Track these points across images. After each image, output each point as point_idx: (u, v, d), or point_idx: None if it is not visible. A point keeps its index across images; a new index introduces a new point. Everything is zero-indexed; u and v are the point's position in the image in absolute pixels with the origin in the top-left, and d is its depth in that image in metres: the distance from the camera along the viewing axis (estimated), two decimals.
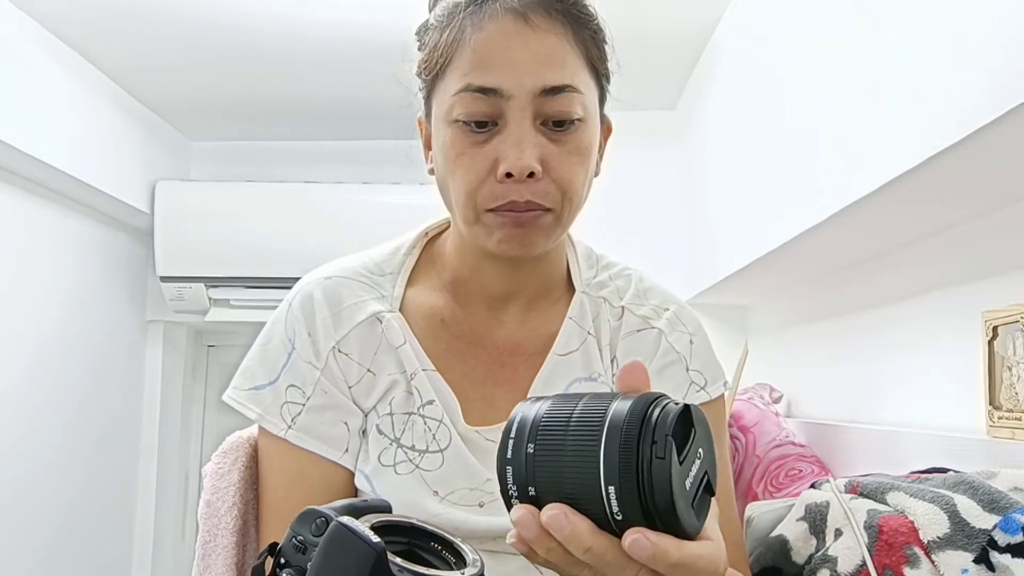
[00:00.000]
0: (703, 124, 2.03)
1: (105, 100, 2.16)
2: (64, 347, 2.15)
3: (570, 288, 0.83)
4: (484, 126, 0.68)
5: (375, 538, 0.42)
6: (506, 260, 0.76)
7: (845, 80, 1.13)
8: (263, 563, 0.49)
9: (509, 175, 0.67)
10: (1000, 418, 0.98)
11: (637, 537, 0.43)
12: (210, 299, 2.47)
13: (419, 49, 0.77)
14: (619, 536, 0.44)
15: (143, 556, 2.53)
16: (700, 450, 0.45)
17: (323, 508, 0.48)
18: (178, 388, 2.73)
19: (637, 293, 0.82)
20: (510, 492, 0.44)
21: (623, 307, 0.81)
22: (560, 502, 0.44)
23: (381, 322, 0.77)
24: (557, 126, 0.69)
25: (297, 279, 0.84)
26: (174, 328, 2.69)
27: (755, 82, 1.58)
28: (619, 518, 0.42)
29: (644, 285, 0.84)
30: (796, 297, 1.89)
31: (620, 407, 0.43)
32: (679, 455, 0.43)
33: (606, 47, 0.75)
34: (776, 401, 1.80)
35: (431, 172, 0.77)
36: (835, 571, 0.68)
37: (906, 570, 0.64)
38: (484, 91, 0.67)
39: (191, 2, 1.76)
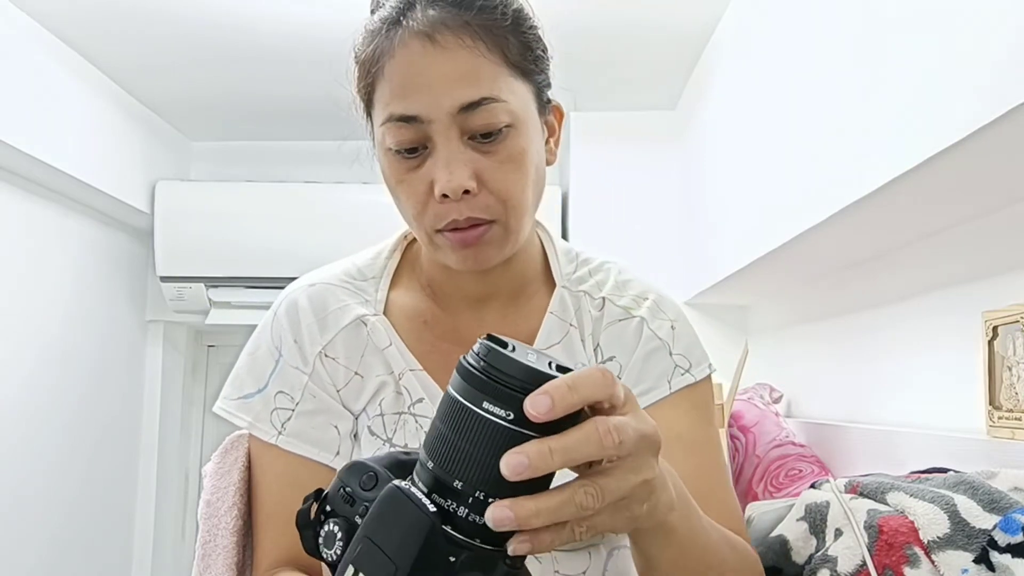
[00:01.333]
0: (703, 124, 2.03)
1: (105, 100, 2.16)
2: (64, 347, 2.15)
3: (550, 283, 0.83)
4: (415, 151, 0.69)
5: (431, 506, 0.42)
6: (476, 272, 0.76)
7: (845, 80, 1.13)
8: (309, 508, 0.49)
9: (446, 196, 0.68)
10: (1000, 418, 0.98)
11: (529, 401, 0.41)
12: (210, 299, 2.47)
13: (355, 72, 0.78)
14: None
15: (143, 556, 2.53)
16: (528, 351, 0.44)
17: (370, 462, 0.48)
18: (178, 388, 2.73)
19: (617, 284, 0.83)
20: (451, 509, 0.43)
21: (604, 298, 0.82)
22: (477, 469, 0.42)
23: (366, 325, 0.78)
24: (485, 138, 0.68)
25: (297, 279, 0.84)
26: (174, 328, 2.69)
27: (755, 82, 1.58)
28: (510, 417, 0.41)
29: (623, 277, 0.84)
30: (796, 297, 1.89)
31: (452, 379, 0.44)
32: (504, 350, 0.43)
33: (534, 37, 0.73)
34: (776, 401, 1.80)
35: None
36: (835, 571, 0.68)
37: (906, 570, 0.64)
38: (406, 119, 0.68)
39: (191, 2, 1.76)
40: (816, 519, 0.77)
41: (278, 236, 2.38)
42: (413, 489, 0.43)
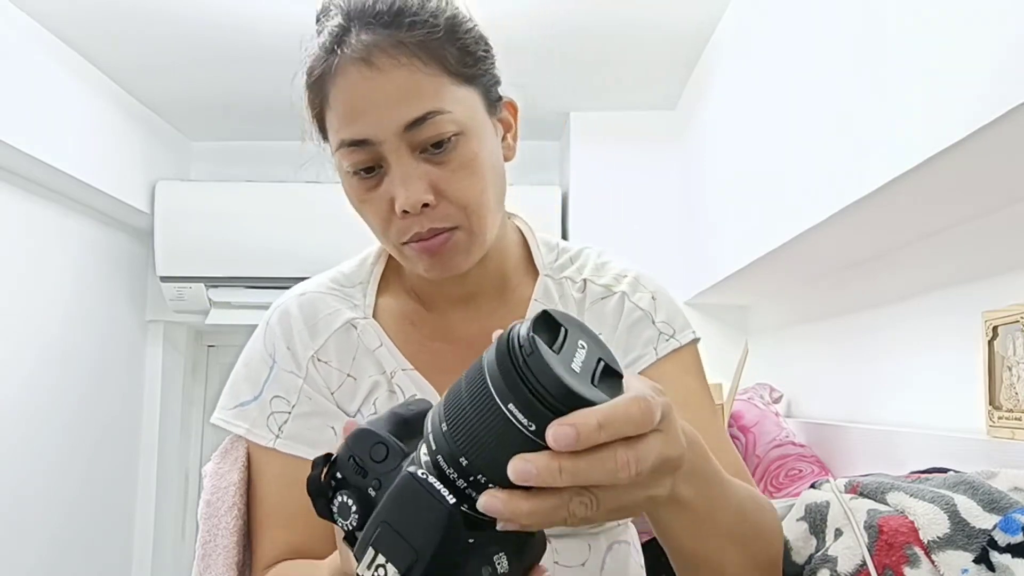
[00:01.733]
0: (703, 124, 2.03)
1: (105, 100, 2.16)
2: (64, 347, 2.15)
3: (533, 273, 0.85)
4: (372, 171, 0.71)
5: (450, 498, 0.42)
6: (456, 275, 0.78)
7: (845, 80, 1.13)
8: (320, 473, 0.49)
9: (406, 212, 0.69)
10: (1000, 418, 0.98)
11: (553, 430, 0.40)
12: (210, 299, 2.47)
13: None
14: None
15: (143, 556, 2.53)
16: (580, 342, 0.44)
17: (376, 429, 0.48)
18: (178, 388, 2.73)
19: (596, 266, 0.85)
20: (451, 477, 0.43)
21: (584, 280, 0.84)
22: (485, 457, 0.42)
23: (356, 328, 0.80)
24: (436, 148, 0.70)
25: (297, 279, 0.85)
26: (174, 328, 2.69)
27: (755, 82, 1.58)
28: (532, 428, 0.40)
29: (602, 260, 0.86)
30: (796, 297, 1.89)
31: (489, 352, 0.43)
32: (552, 347, 0.42)
33: (468, 39, 0.73)
34: (776, 401, 1.80)
35: None
36: (835, 571, 0.68)
37: (906, 570, 0.64)
38: (356, 143, 0.70)
39: (191, 2, 1.76)
40: (816, 519, 0.77)
41: (278, 236, 2.38)
42: (430, 478, 0.43)
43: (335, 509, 0.48)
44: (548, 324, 0.43)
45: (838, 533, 0.72)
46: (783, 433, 1.59)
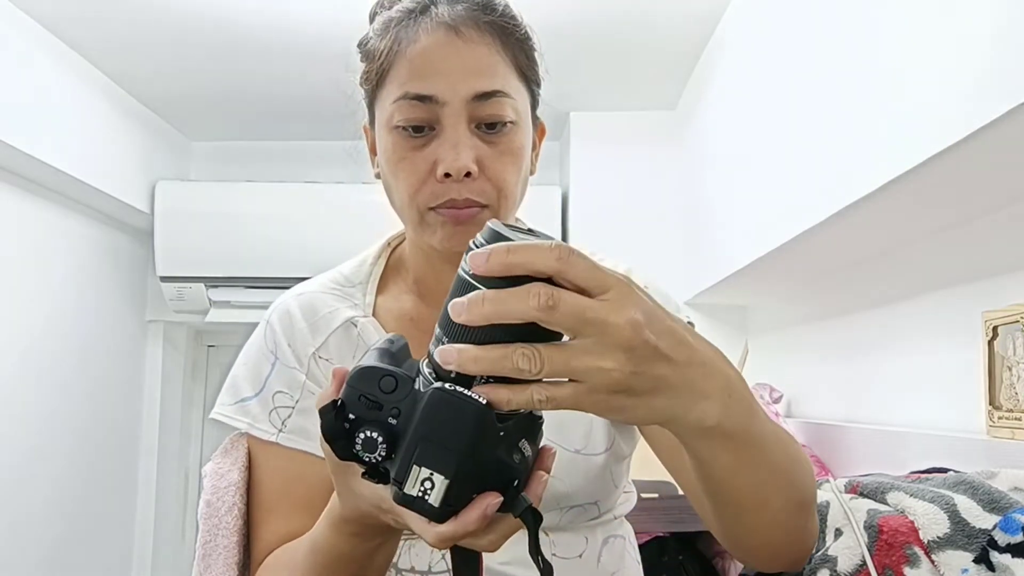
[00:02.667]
0: (703, 124, 2.03)
1: (105, 100, 2.16)
2: (64, 347, 2.15)
3: None
4: (422, 131, 0.73)
5: (480, 399, 0.45)
6: (459, 258, 0.78)
7: (845, 80, 1.13)
8: (333, 418, 0.50)
9: (447, 175, 0.71)
10: (1000, 418, 0.98)
11: (474, 254, 0.46)
12: (210, 299, 2.47)
13: (361, 60, 0.80)
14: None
15: (143, 556, 2.53)
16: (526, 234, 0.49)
17: (377, 365, 0.50)
18: (178, 388, 2.73)
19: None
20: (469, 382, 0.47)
21: None
22: (447, 324, 0.47)
23: (356, 326, 0.80)
24: (490, 128, 0.73)
25: (297, 279, 0.85)
26: (174, 328, 2.69)
27: (755, 82, 1.58)
28: (478, 284, 0.46)
29: (597, 256, 0.87)
30: (796, 297, 1.89)
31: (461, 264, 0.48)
32: None
33: (535, 54, 0.79)
34: (776, 401, 1.80)
35: (377, 176, 0.81)
36: (835, 571, 0.68)
37: (906, 570, 0.64)
38: (420, 98, 0.71)
39: (191, 2, 1.76)
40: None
41: (278, 236, 2.38)
42: (457, 388, 0.46)
43: (359, 446, 0.49)
44: (498, 236, 0.47)
45: (838, 533, 0.72)
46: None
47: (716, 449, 0.53)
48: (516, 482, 0.48)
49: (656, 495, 1.43)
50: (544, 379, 0.46)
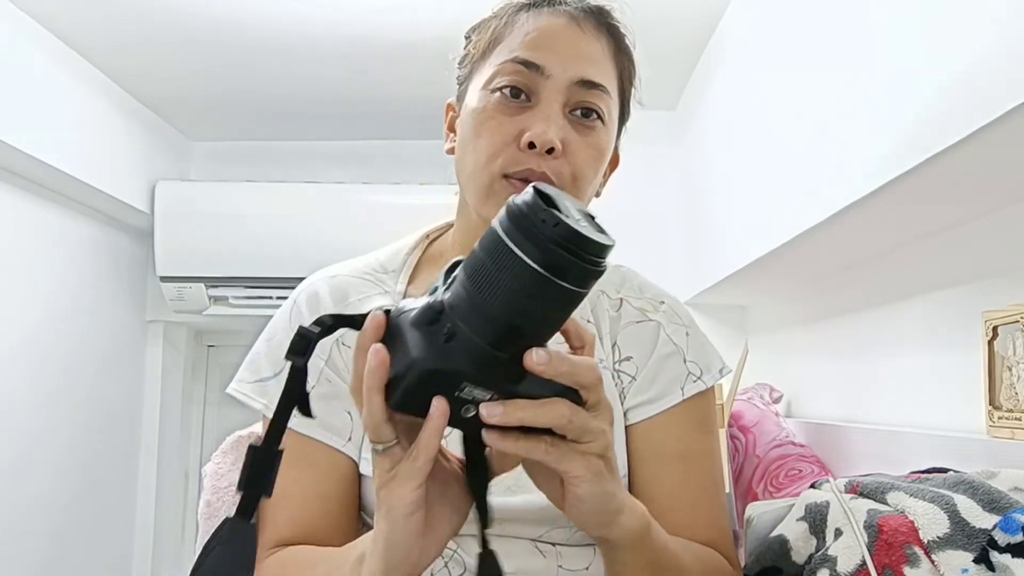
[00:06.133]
0: (703, 124, 2.03)
1: (105, 100, 2.16)
2: (64, 347, 2.15)
3: None
4: (518, 97, 0.73)
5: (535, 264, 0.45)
6: None
7: (845, 80, 1.13)
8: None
9: (532, 145, 0.71)
10: (1000, 418, 0.98)
11: (538, 352, 0.49)
12: (210, 299, 2.47)
13: (466, 41, 0.82)
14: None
15: (143, 556, 2.53)
16: (568, 203, 0.48)
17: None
18: (178, 388, 2.73)
19: (632, 287, 0.87)
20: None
21: (621, 299, 0.85)
22: (504, 297, 0.46)
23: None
24: (583, 116, 0.74)
25: (297, 279, 0.85)
26: (174, 328, 2.69)
27: (755, 82, 1.58)
28: (538, 261, 0.45)
29: (637, 280, 0.89)
30: (796, 297, 1.89)
31: (498, 216, 0.48)
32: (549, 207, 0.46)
33: (636, 80, 0.81)
34: (776, 401, 1.80)
35: (449, 152, 0.82)
36: (835, 571, 0.68)
37: (906, 570, 0.64)
38: (527, 64, 0.73)
39: (192, 2, 1.76)
40: (816, 519, 0.77)
41: (278, 236, 2.38)
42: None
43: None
44: (540, 191, 0.47)
45: (838, 533, 0.72)
46: (783, 433, 1.59)
47: (641, 546, 0.61)
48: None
49: None
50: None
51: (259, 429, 0.84)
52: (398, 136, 2.51)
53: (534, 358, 0.48)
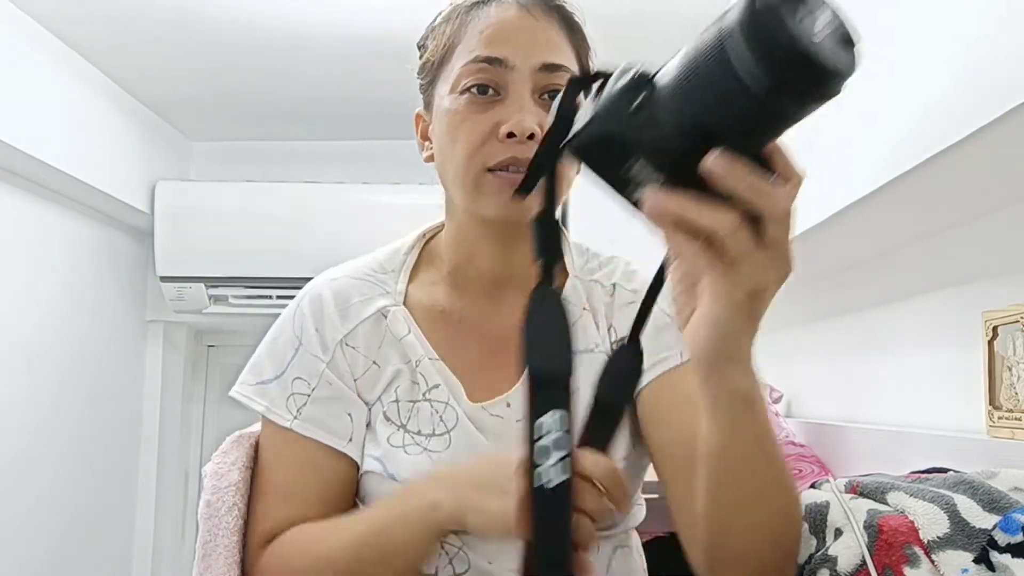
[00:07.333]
0: None
1: (105, 100, 2.16)
2: (64, 347, 2.15)
3: (563, 274, 0.87)
4: (486, 93, 0.75)
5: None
6: (500, 242, 0.81)
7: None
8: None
9: (511, 135, 0.73)
10: (1000, 418, 0.98)
11: (719, 160, 0.46)
12: (210, 298, 2.47)
13: (421, 50, 0.83)
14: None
15: (143, 556, 2.53)
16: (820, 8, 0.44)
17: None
18: (178, 388, 2.73)
19: (625, 274, 0.88)
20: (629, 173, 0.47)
21: (614, 284, 0.86)
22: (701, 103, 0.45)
23: (386, 317, 0.81)
24: (552, 98, 0.74)
25: (297, 279, 0.85)
26: (174, 328, 2.69)
27: None
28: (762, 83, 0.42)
29: (631, 268, 0.89)
30: (796, 297, 1.89)
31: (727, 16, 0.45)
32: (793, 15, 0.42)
33: (590, 52, 0.82)
34: (776, 401, 1.80)
35: (428, 160, 0.84)
36: (835, 571, 0.68)
37: (906, 570, 0.64)
38: (490, 61, 0.74)
39: (192, 2, 1.76)
40: (816, 519, 0.77)
41: (278, 236, 2.38)
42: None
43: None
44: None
45: (838, 533, 0.72)
46: (783, 433, 1.59)
47: (744, 415, 0.57)
48: None
49: (656, 495, 1.43)
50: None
51: (259, 429, 0.84)
52: (398, 136, 2.51)
53: (711, 160, 0.45)
